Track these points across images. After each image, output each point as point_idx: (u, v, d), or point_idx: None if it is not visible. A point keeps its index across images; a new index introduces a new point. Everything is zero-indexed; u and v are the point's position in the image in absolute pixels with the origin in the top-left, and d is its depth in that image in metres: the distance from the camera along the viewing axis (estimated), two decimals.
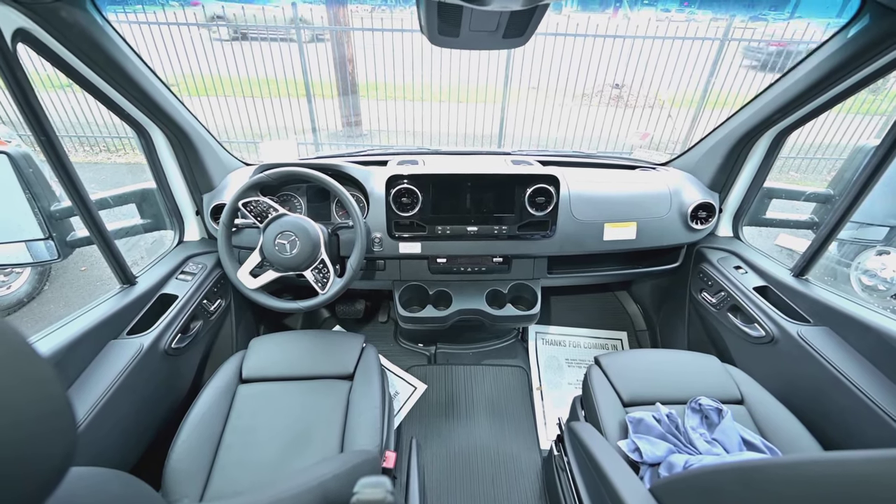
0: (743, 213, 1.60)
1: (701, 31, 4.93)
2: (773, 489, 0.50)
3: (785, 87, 1.23)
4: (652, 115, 5.58)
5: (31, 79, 0.90)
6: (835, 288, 1.22)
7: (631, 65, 5.22)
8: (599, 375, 1.24)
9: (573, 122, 5.49)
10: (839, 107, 4.88)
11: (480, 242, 1.50)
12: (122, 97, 1.17)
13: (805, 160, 5.31)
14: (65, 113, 4.84)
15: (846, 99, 1.15)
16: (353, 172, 1.48)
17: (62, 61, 1.01)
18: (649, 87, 5.43)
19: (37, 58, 0.98)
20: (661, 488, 0.73)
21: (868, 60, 1.01)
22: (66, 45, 0.97)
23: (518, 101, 5.42)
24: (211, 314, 1.47)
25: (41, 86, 4.58)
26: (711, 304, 1.54)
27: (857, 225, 1.31)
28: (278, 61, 4.94)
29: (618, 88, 5.90)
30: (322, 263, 1.30)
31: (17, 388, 0.30)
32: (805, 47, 4.86)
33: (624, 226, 1.52)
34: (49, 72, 1.10)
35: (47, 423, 0.32)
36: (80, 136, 5.11)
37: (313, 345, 1.36)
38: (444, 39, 0.98)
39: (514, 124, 5.53)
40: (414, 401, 1.82)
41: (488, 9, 0.77)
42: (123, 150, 5.35)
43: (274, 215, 1.29)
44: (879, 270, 2.89)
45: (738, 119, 1.44)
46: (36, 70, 1.36)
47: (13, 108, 0.90)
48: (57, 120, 4.83)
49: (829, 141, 5.15)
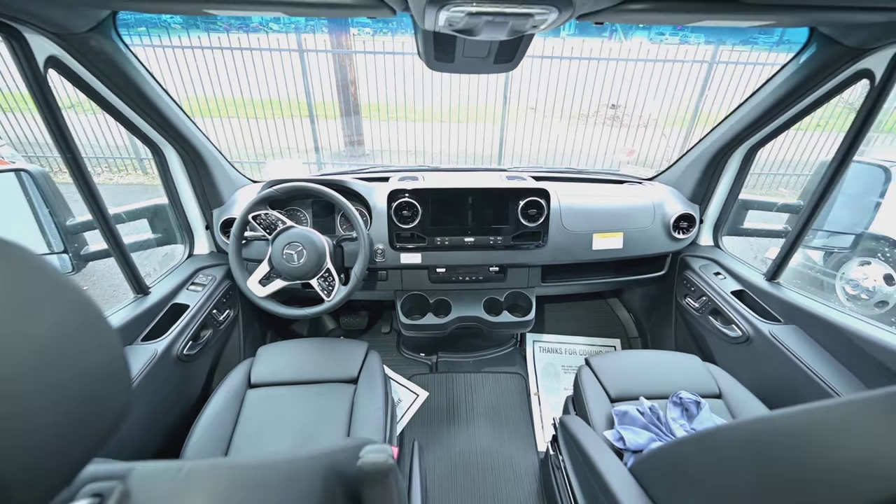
0: (722, 223, 1.70)
1: (690, 54, 5.14)
2: (721, 449, 0.59)
3: (751, 106, 1.35)
4: (646, 135, 5.75)
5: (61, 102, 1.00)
6: (825, 299, 1.30)
7: (626, 86, 5.42)
8: (589, 374, 1.31)
9: (571, 141, 5.66)
10: (838, 127, 5.10)
11: (477, 252, 1.59)
12: (140, 118, 1.27)
13: (794, 177, 5.46)
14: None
15: (804, 118, 1.27)
16: (356, 187, 1.59)
17: (87, 86, 1.10)
18: (643, 108, 5.62)
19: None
20: (637, 467, 0.81)
21: (817, 84, 1.13)
22: (92, 70, 1.06)
23: (517, 121, 5.59)
24: (220, 323, 1.55)
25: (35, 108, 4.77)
26: (694, 308, 1.62)
27: (828, 233, 1.41)
28: (282, 83, 5.12)
29: (614, 108, 6.09)
30: (327, 272, 1.39)
31: (92, 352, 0.38)
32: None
33: (611, 236, 1.62)
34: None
35: (113, 382, 0.40)
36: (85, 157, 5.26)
37: (318, 351, 1.44)
38: (440, 65, 1.09)
39: (513, 144, 5.70)
40: (416, 408, 1.88)
41: (478, 38, 0.88)
42: (126, 170, 5.50)
43: (282, 227, 1.38)
44: (862, 280, 2.98)
45: (713, 136, 1.55)
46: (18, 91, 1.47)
47: (21, 130, 1.00)
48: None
49: (823, 159, 5.30)
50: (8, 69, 4.55)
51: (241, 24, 8.03)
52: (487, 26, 0.78)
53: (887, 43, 0.97)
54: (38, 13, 0.82)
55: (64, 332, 0.33)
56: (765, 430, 0.55)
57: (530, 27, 0.80)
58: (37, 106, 0.95)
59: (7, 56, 0.89)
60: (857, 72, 1.07)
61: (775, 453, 0.54)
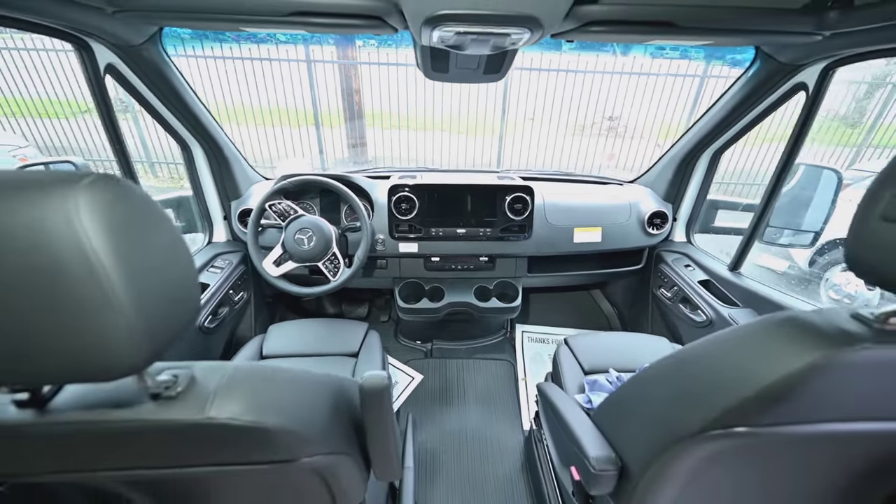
0: (693, 220, 1.87)
1: (682, 68, 5.36)
2: (649, 382, 0.75)
3: (712, 114, 1.53)
4: (641, 145, 5.95)
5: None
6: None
7: (621, 98, 5.62)
8: (566, 350, 1.47)
9: (567, 151, 5.86)
10: (828, 140, 5.29)
11: (469, 243, 1.75)
12: (175, 118, 1.46)
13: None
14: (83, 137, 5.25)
15: (755, 126, 1.45)
16: (361, 183, 1.76)
17: (134, 89, 1.29)
18: (637, 119, 5.83)
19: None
20: (595, 415, 0.96)
21: (763, 95, 1.30)
22: (140, 76, 1.26)
23: (515, 132, 5.80)
24: (235, 303, 1.72)
25: (59, 112, 4.99)
26: (667, 297, 1.78)
27: (794, 232, 1.56)
28: (289, 92, 5.34)
29: (611, 120, 6.30)
30: (333, 256, 1.55)
31: (184, 266, 0.54)
32: None
33: (591, 230, 1.78)
34: (63, 99, 1.38)
35: (192, 290, 0.56)
36: (94, 160, 5.45)
37: (324, 329, 1.60)
38: (436, 74, 1.27)
39: (511, 154, 5.90)
40: (411, 389, 2.03)
41: (467, 53, 1.05)
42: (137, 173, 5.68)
43: (294, 215, 1.55)
44: (844, 285, 3.14)
45: (682, 141, 1.73)
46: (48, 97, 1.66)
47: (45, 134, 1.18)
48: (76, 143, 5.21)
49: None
50: (41, 79, 4.82)
51: (248, 35, 8.28)
52: (473, 43, 0.95)
53: (816, 59, 1.14)
54: (104, 28, 1.00)
55: (172, 246, 0.50)
56: (676, 359, 0.71)
57: (510, 44, 0.98)
58: (96, 105, 1.13)
59: (39, 67, 1.08)
60: (795, 85, 1.25)
61: (682, 374, 0.70)
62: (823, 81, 1.16)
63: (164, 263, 0.49)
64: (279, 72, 5.23)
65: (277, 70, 5.22)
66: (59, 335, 0.42)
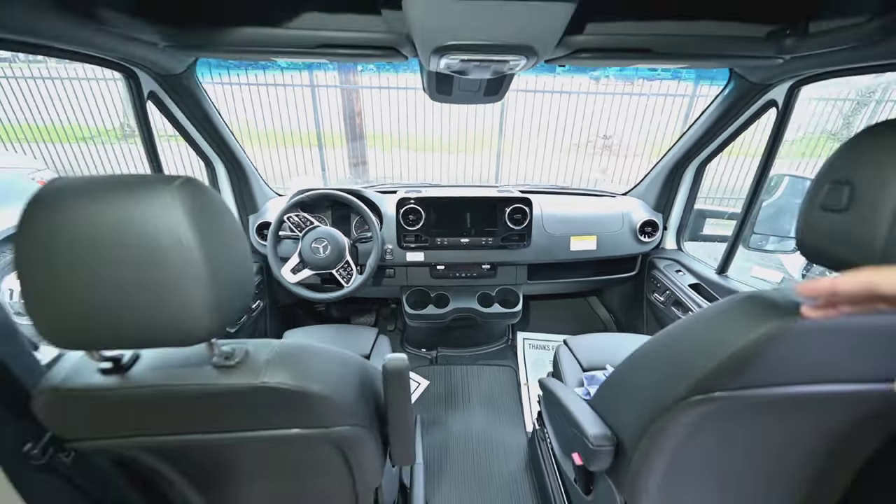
0: (683, 228, 1.99)
1: (672, 89, 5.60)
2: (641, 358, 0.85)
3: (695, 129, 1.66)
4: (635, 162, 6.13)
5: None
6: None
7: (615, 117, 5.84)
8: (566, 350, 1.56)
9: (563, 169, 6.05)
10: (818, 153, 5.49)
11: (472, 251, 1.87)
12: (203, 139, 1.59)
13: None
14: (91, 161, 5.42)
15: (735, 139, 1.58)
16: (371, 196, 1.88)
17: (170, 113, 1.43)
18: (630, 137, 6.03)
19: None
20: (593, 399, 1.06)
21: (738, 111, 1.44)
22: (178, 103, 1.39)
23: (512, 151, 5.99)
24: (253, 311, 1.81)
25: (63, 138, 5.19)
26: (660, 301, 1.88)
27: (779, 238, 1.66)
28: (293, 115, 5.53)
29: (605, 139, 6.50)
30: (346, 264, 1.66)
31: (244, 253, 0.64)
32: None
33: (586, 239, 1.89)
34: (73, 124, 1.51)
35: (249, 274, 0.66)
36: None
37: (336, 333, 1.70)
38: (441, 97, 1.40)
39: (509, 172, 6.09)
40: (418, 394, 2.10)
41: (470, 77, 1.18)
42: None
43: (310, 226, 1.67)
44: None
45: (669, 154, 1.86)
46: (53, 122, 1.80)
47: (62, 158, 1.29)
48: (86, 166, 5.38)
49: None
50: (63, 106, 5.06)
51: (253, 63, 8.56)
52: (476, 69, 1.08)
53: (782, 79, 1.28)
54: (152, 59, 1.14)
55: (236, 235, 0.61)
56: (661, 338, 0.81)
57: (508, 69, 1.11)
58: (138, 128, 1.26)
59: (62, 94, 1.20)
60: (766, 102, 1.38)
61: (667, 350, 0.80)
62: (790, 98, 1.29)
63: (231, 248, 0.59)
64: (284, 96, 5.43)
65: (283, 95, 5.43)
66: (154, 304, 0.52)
